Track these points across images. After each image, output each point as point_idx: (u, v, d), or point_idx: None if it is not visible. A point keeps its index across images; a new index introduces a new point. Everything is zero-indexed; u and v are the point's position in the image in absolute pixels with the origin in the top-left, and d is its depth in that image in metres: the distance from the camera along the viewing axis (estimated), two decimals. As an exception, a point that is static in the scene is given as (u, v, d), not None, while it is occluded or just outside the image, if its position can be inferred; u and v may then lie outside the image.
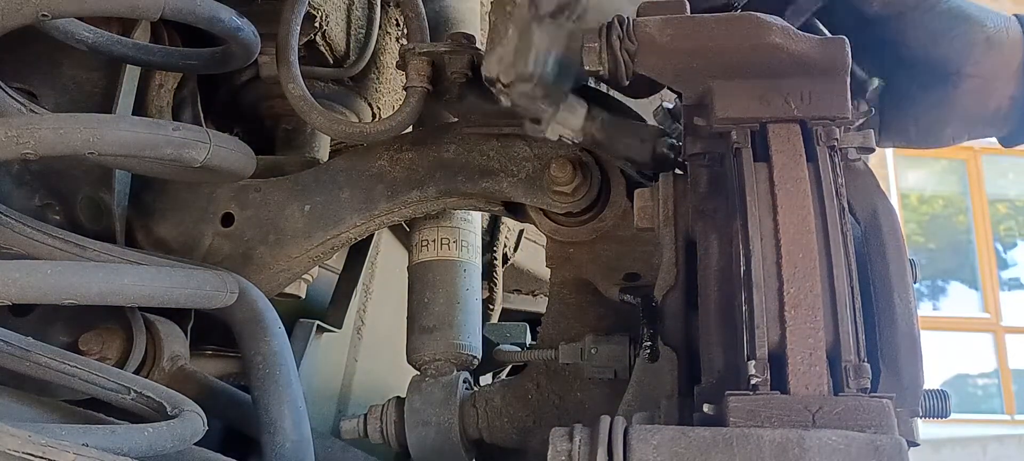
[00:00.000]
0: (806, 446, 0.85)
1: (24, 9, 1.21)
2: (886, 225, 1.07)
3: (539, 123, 1.23)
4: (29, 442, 0.91)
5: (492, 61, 1.16)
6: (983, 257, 10.16)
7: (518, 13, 1.15)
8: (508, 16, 1.16)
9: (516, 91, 1.15)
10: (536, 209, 1.49)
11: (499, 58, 1.15)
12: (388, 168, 1.53)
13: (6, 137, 1.17)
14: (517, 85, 1.14)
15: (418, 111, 1.53)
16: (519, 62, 1.13)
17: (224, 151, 1.31)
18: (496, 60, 1.15)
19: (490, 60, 1.17)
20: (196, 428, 1.22)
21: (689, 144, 1.20)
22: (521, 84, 1.14)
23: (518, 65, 1.13)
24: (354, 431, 1.54)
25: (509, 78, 1.14)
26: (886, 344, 1.01)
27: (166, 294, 1.30)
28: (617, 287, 1.44)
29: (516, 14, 1.16)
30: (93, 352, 1.37)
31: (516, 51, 1.14)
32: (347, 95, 1.77)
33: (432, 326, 1.54)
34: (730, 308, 1.05)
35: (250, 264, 1.53)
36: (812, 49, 1.10)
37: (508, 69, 1.14)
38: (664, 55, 1.12)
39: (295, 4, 1.51)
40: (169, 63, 1.49)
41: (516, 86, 1.14)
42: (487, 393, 1.52)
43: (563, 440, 0.93)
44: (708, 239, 1.12)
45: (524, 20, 1.14)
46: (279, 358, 1.40)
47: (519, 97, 1.16)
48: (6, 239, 1.29)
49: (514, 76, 1.14)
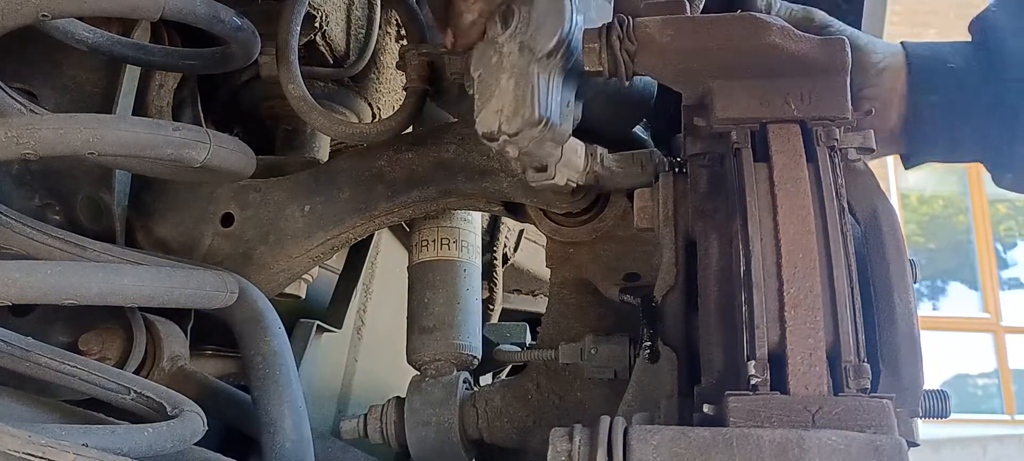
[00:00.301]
0: (806, 446, 0.85)
1: (24, 9, 1.21)
2: (886, 225, 1.07)
3: (544, 170, 1.18)
4: (29, 442, 0.91)
5: (489, 115, 1.11)
6: (983, 257, 10.16)
7: (510, 61, 1.12)
8: (496, 67, 1.12)
9: (524, 139, 1.10)
10: (536, 209, 1.49)
11: (497, 110, 1.10)
12: (388, 168, 1.53)
13: (6, 137, 1.17)
14: (525, 132, 1.10)
15: (418, 111, 1.53)
16: (522, 109, 1.09)
17: (224, 151, 1.31)
18: (493, 113, 1.11)
19: (486, 115, 1.11)
20: (196, 428, 1.22)
21: (689, 144, 1.20)
22: (529, 130, 1.10)
23: (522, 112, 1.09)
24: (354, 431, 1.54)
25: (514, 127, 1.09)
26: (886, 344, 1.01)
27: (166, 294, 1.30)
28: (617, 287, 1.44)
29: (507, 62, 1.12)
30: (93, 352, 1.37)
31: (516, 99, 1.10)
32: (347, 95, 1.77)
33: (432, 326, 1.54)
34: (730, 308, 1.05)
35: (250, 264, 1.53)
36: (812, 49, 1.10)
37: (511, 119, 1.10)
38: (664, 55, 1.12)
39: (295, 4, 1.51)
40: (169, 63, 1.48)
41: (524, 134, 1.10)
42: (487, 393, 1.52)
43: (563, 440, 0.93)
44: (708, 239, 1.12)
45: (520, 65, 1.11)
46: (279, 358, 1.40)
47: (527, 145, 1.11)
48: (6, 239, 1.29)
49: (520, 124, 1.09)
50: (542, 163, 1.17)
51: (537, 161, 1.17)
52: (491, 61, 1.13)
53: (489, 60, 1.14)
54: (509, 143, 1.11)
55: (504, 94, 1.10)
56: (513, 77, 1.11)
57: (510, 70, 1.11)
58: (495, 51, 1.13)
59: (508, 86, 1.11)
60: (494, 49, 1.13)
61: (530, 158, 1.15)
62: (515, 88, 1.10)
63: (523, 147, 1.11)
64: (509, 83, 1.11)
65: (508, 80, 1.11)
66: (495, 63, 1.13)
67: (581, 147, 1.26)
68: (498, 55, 1.13)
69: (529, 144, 1.11)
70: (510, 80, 1.11)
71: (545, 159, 1.16)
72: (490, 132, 1.11)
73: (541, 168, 1.18)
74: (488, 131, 1.11)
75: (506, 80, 1.11)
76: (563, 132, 1.16)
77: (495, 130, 1.11)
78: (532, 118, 1.08)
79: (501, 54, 1.13)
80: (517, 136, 1.10)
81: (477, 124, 1.13)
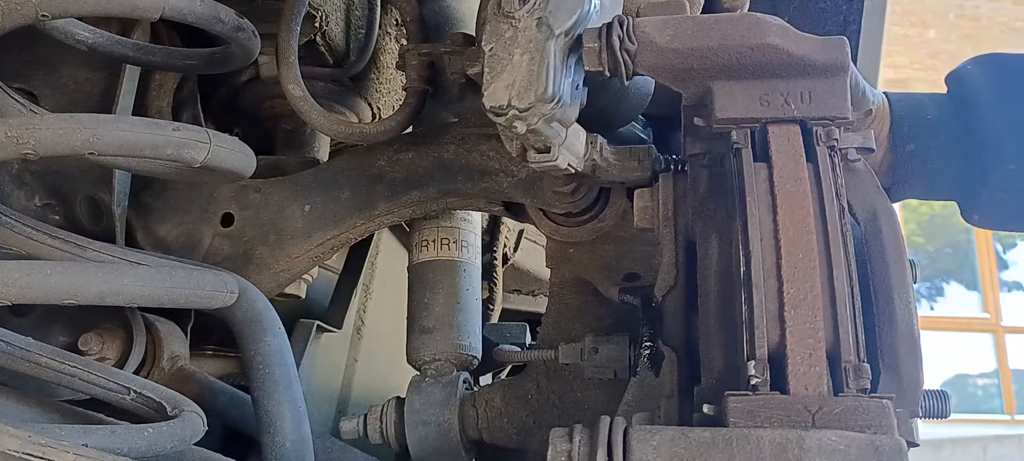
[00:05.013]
0: (806, 446, 0.85)
1: (24, 9, 1.21)
2: (886, 225, 1.07)
3: (548, 151, 1.19)
4: (29, 442, 0.91)
5: (499, 88, 1.10)
6: (983, 257, 10.17)
7: (525, 35, 1.12)
8: (510, 41, 1.12)
9: (533, 115, 1.09)
10: (536, 209, 1.49)
11: (508, 84, 1.10)
12: (388, 168, 1.53)
13: (6, 137, 1.17)
14: (536, 108, 1.10)
15: (418, 111, 1.53)
16: (535, 84, 1.09)
17: (224, 151, 1.31)
18: (504, 86, 1.10)
19: (496, 88, 1.11)
20: (196, 428, 1.22)
21: (689, 144, 1.20)
22: (540, 106, 1.10)
23: (535, 87, 1.08)
24: (354, 431, 1.54)
25: (526, 102, 1.08)
26: (886, 344, 1.00)
27: (166, 294, 1.30)
28: (617, 287, 1.44)
29: (523, 37, 1.12)
30: (93, 352, 1.37)
31: (529, 74, 1.09)
32: (347, 95, 1.77)
33: (432, 326, 1.54)
34: (730, 308, 1.05)
35: (250, 264, 1.53)
36: (812, 50, 1.10)
37: (523, 93, 1.09)
38: (664, 55, 1.12)
39: (295, 4, 1.51)
40: (169, 63, 1.48)
41: (534, 110, 1.09)
42: (487, 393, 1.52)
43: (563, 440, 0.93)
44: (708, 239, 1.12)
45: (535, 41, 1.11)
46: (279, 358, 1.40)
47: (536, 122, 1.10)
48: (6, 239, 1.29)
49: (532, 99, 1.08)
50: (546, 144, 1.17)
51: (541, 141, 1.17)
52: (504, 35, 1.13)
53: (502, 34, 1.13)
54: (518, 119, 1.10)
55: (517, 69, 1.10)
56: (528, 53, 1.11)
57: (525, 45, 1.11)
58: (510, 25, 1.13)
59: (522, 61, 1.10)
60: (509, 23, 1.13)
61: (535, 136, 1.15)
62: (529, 63, 1.10)
63: (531, 124, 1.11)
64: (523, 58, 1.10)
65: (522, 55, 1.11)
66: (509, 38, 1.12)
67: (582, 133, 1.26)
68: (513, 30, 1.13)
69: (538, 121, 1.11)
70: (524, 55, 1.11)
71: (550, 140, 1.16)
72: (499, 106, 1.10)
73: (544, 149, 1.18)
74: (497, 105, 1.10)
75: (520, 55, 1.11)
76: (571, 113, 1.16)
77: (504, 104, 1.09)
78: (544, 94, 1.08)
79: (516, 29, 1.13)
80: (527, 112, 1.09)
81: (485, 97, 1.11)
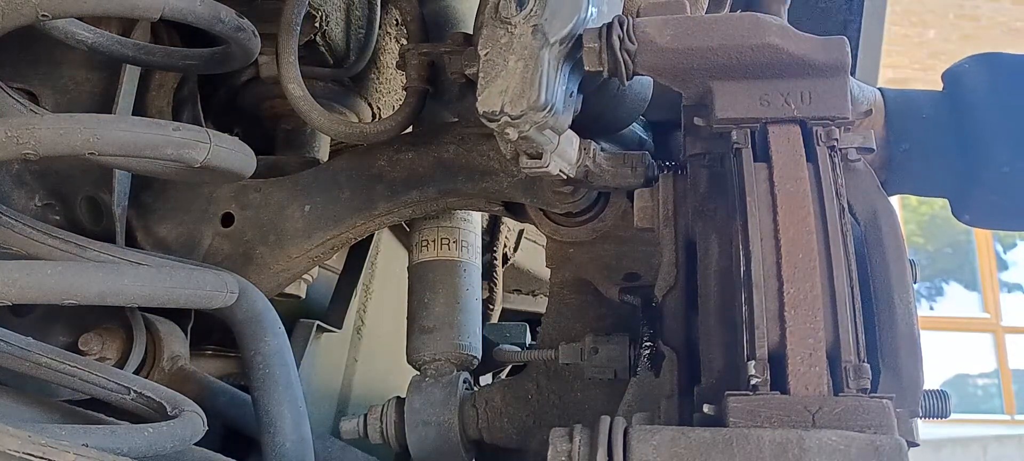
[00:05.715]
0: (806, 446, 0.85)
1: (24, 9, 1.21)
2: (886, 225, 1.07)
3: (540, 158, 1.19)
4: (29, 442, 0.91)
5: (493, 94, 1.11)
6: (983, 258, 10.17)
7: (520, 42, 1.12)
8: (505, 47, 1.12)
9: (525, 122, 1.10)
10: (536, 209, 1.49)
11: (502, 90, 1.10)
12: (388, 168, 1.53)
13: (6, 137, 1.17)
14: (528, 116, 1.09)
15: (418, 111, 1.53)
16: (528, 92, 1.09)
17: (224, 151, 1.31)
18: (498, 92, 1.10)
19: (490, 93, 1.11)
20: (196, 428, 1.22)
21: (689, 144, 1.20)
22: (532, 114, 1.10)
23: (528, 95, 1.09)
24: (354, 431, 1.54)
25: (518, 109, 1.09)
26: (886, 344, 1.00)
27: (166, 294, 1.30)
28: (617, 287, 1.44)
29: (518, 43, 1.12)
30: (93, 352, 1.37)
31: (523, 81, 1.10)
32: (347, 95, 1.77)
33: (432, 326, 1.54)
34: (730, 308, 1.05)
35: (250, 264, 1.53)
36: (812, 50, 1.10)
37: (516, 100, 1.09)
38: (664, 55, 1.12)
39: (295, 4, 1.51)
40: (169, 63, 1.48)
41: (527, 117, 1.09)
42: (487, 393, 1.52)
43: (563, 440, 0.93)
44: (708, 239, 1.12)
45: (530, 48, 1.11)
46: (279, 358, 1.40)
47: (528, 129, 1.11)
48: (6, 239, 1.29)
49: (524, 107, 1.09)
50: (538, 150, 1.18)
51: (533, 148, 1.17)
52: (500, 41, 1.13)
53: (498, 40, 1.14)
54: (510, 125, 1.10)
55: (511, 75, 1.10)
56: (522, 60, 1.11)
57: (519, 52, 1.12)
58: (506, 31, 1.13)
59: (516, 68, 1.11)
60: (505, 29, 1.13)
61: (527, 143, 1.15)
62: (523, 70, 1.10)
63: (523, 131, 1.11)
64: (517, 65, 1.11)
65: (516, 62, 1.11)
66: (504, 43, 1.13)
67: (576, 139, 1.26)
68: (508, 36, 1.13)
69: (530, 128, 1.11)
70: (518, 62, 1.11)
71: (542, 146, 1.17)
72: (491, 111, 1.10)
73: (536, 155, 1.18)
74: (490, 110, 1.10)
75: (514, 62, 1.11)
76: (564, 121, 1.16)
77: (497, 110, 1.10)
78: (537, 102, 1.08)
79: (512, 35, 1.13)
80: (519, 119, 1.09)
81: (479, 102, 1.12)
